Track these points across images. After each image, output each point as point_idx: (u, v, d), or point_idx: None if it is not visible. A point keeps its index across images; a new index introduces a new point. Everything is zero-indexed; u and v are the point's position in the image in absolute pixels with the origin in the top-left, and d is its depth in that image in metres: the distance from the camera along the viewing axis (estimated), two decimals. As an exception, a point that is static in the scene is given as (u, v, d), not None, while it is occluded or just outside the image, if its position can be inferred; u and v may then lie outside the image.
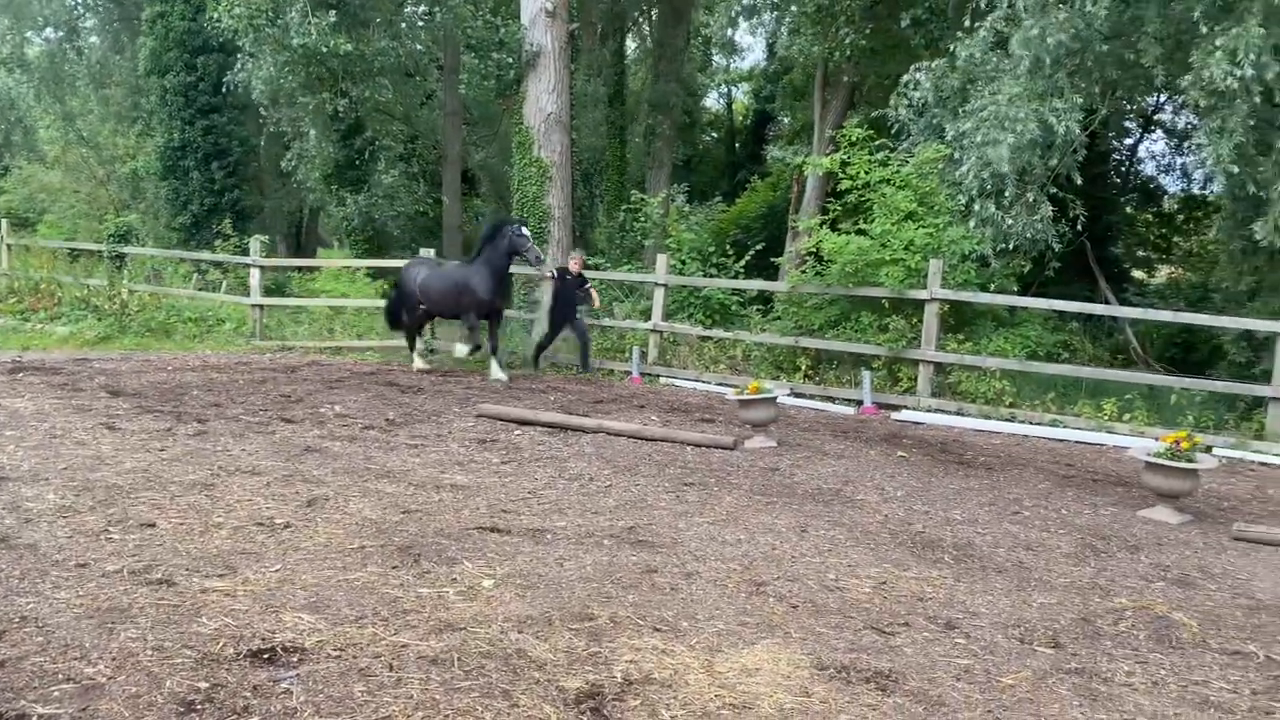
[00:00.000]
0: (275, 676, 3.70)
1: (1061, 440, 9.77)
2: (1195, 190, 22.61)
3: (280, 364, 12.17)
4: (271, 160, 21.19)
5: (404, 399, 10.10)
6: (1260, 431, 9.44)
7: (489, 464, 7.48)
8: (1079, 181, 11.02)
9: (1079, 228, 11.97)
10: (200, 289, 16.31)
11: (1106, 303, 16.58)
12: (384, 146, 16.83)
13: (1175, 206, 23.70)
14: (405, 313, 12.30)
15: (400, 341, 12.87)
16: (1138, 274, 23.59)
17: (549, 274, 12.33)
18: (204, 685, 3.60)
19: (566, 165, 15.50)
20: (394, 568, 4.98)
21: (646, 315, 13.33)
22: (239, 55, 15.54)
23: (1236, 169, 9.49)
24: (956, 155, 10.96)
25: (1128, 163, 24.32)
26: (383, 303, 13.35)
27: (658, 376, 12.68)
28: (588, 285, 12.72)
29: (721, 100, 32.89)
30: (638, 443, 8.53)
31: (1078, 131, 9.96)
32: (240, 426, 8.24)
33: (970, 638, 4.53)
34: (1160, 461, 6.92)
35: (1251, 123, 9.37)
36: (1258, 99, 9.24)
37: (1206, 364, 14.78)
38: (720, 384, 11.94)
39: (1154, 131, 23.30)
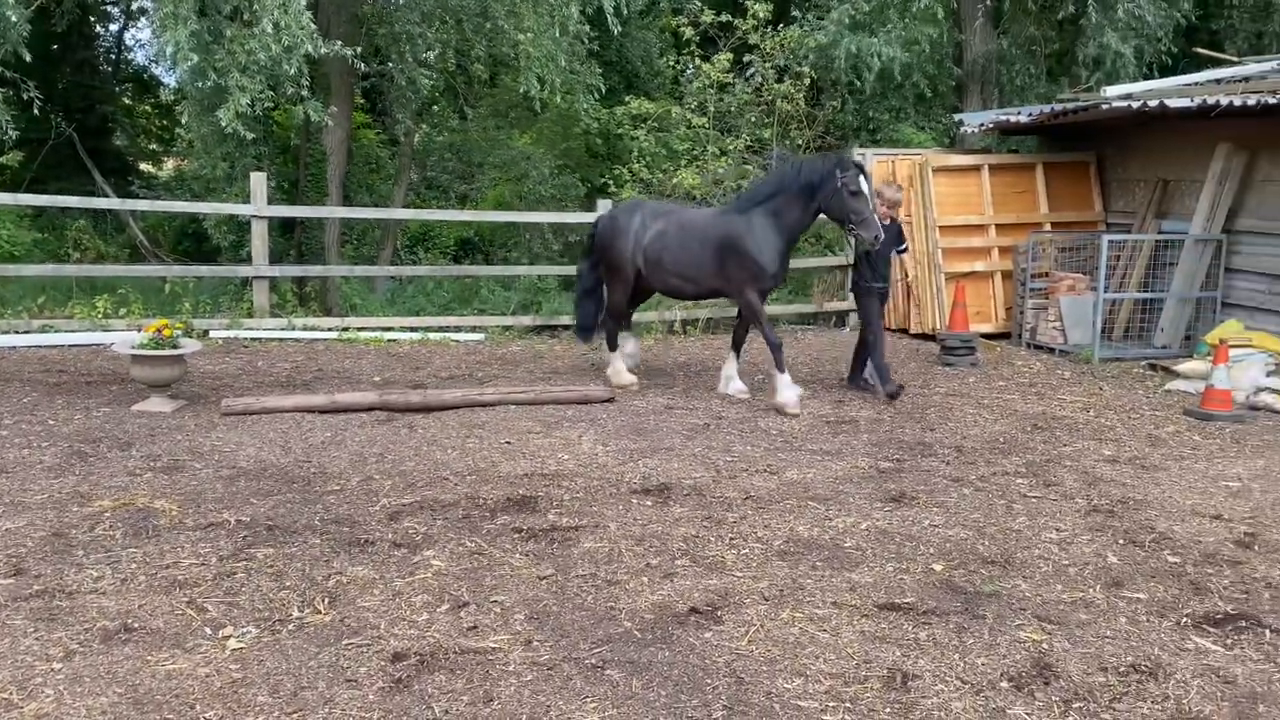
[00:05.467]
0: None
1: (55, 346, 9.01)
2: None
3: None
4: None
5: None
6: (251, 309, 10.06)
7: None
8: (29, 59, 9.89)
9: (46, 114, 10.91)
10: None
11: (106, 196, 15.73)
12: None
13: (172, 97, 23.59)
14: (614, 293, 8.09)
15: None
16: (147, 167, 23.13)
17: (874, 245, 7.79)
18: None
19: None
20: None
21: None
22: None
23: (196, 57, 9.60)
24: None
25: (117, 51, 23.31)
26: None
27: None
28: (904, 247, 8.67)
29: None
30: None
31: (13, 3, 8.88)
32: None
33: (-95, 597, 3.82)
34: (144, 352, 6.81)
35: (201, 10, 9.52)
36: None
37: (219, 251, 15.09)
38: None
39: (139, 20, 22.66)
